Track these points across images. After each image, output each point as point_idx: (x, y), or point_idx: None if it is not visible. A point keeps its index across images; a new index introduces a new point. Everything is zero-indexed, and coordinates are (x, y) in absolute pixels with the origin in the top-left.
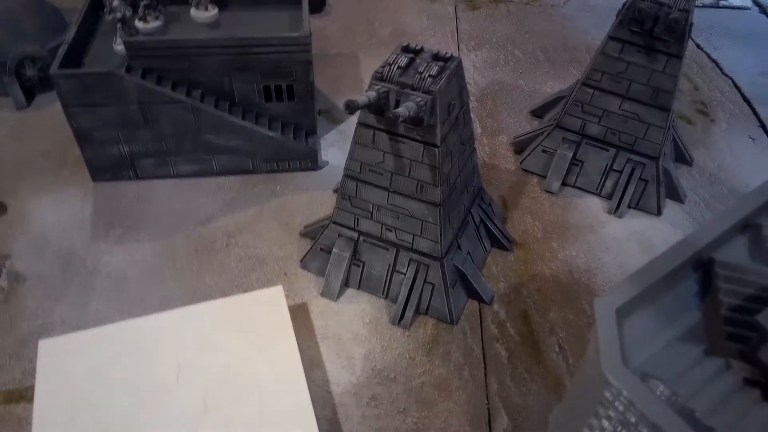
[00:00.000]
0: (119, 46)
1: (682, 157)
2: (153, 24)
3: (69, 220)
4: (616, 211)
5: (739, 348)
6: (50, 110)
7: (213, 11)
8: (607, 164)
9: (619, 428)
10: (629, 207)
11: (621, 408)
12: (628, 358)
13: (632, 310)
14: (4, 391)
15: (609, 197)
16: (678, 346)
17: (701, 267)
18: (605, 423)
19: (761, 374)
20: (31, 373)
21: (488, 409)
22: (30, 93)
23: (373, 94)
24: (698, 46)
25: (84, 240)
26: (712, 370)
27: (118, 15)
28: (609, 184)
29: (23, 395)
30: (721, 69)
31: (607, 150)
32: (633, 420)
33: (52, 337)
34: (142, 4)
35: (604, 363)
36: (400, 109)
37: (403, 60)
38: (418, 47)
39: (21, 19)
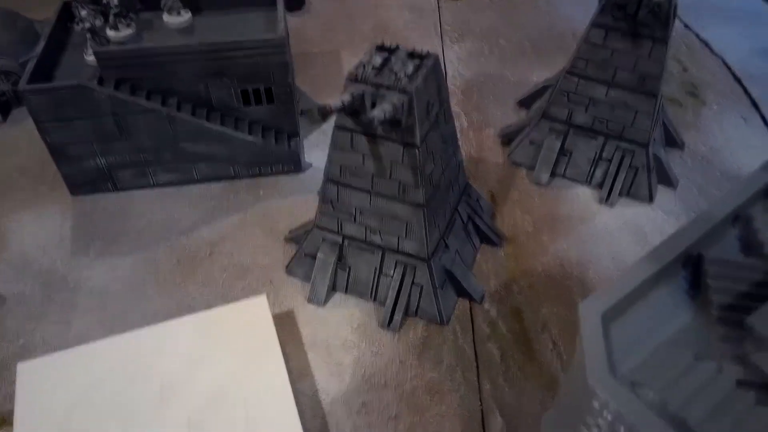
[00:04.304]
0: (90, 57)
1: (672, 141)
2: (124, 32)
3: (49, 237)
4: (606, 200)
5: (732, 350)
6: (27, 125)
7: (186, 16)
8: (596, 153)
9: None
10: (620, 195)
11: (610, 418)
12: (616, 365)
13: (620, 313)
14: None
15: (599, 186)
16: (669, 349)
17: (690, 264)
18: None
19: (755, 375)
20: (13, 396)
21: (482, 410)
22: (5, 108)
23: (347, 97)
24: (686, 26)
25: (64, 257)
26: (704, 375)
27: (87, 25)
28: (599, 173)
29: (5, 419)
30: (711, 49)
31: (596, 138)
32: (622, 430)
33: (32, 358)
34: (112, 12)
35: (590, 373)
36: (376, 111)
37: (378, 60)
38: (393, 46)
39: None
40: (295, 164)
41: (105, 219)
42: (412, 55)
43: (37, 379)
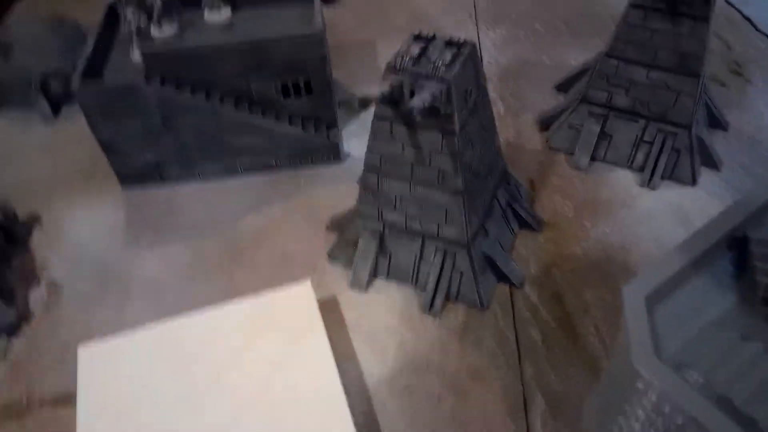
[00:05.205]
0: (136, 56)
1: (716, 122)
2: (168, 32)
3: (102, 229)
4: (648, 183)
5: None
6: (77, 122)
7: (226, 13)
8: (638, 136)
9: (654, 417)
10: (662, 178)
11: (654, 399)
12: (661, 346)
13: (663, 295)
14: (51, 396)
15: (641, 170)
16: (713, 331)
17: (736, 246)
18: (640, 412)
19: None
20: (73, 378)
21: (524, 393)
22: (56, 107)
23: (386, 87)
24: (728, 2)
25: (117, 247)
26: (750, 355)
27: (133, 25)
28: (640, 156)
29: (69, 400)
30: (754, 25)
31: (637, 121)
32: (667, 410)
33: (91, 342)
34: (156, 12)
35: (635, 355)
36: (415, 101)
37: (416, 49)
38: (430, 35)
39: (44, 40)
40: (334, 154)
41: (155, 211)
42: (449, 43)
43: (97, 361)
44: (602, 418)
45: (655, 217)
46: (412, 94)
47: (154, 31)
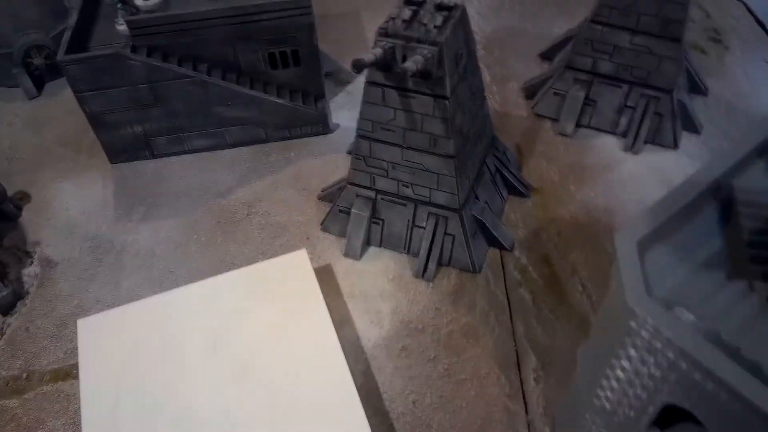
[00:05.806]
0: (122, 27)
1: (696, 88)
2: (153, 0)
3: (92, 204)
4: (632, 148)
5: (762, 269)
6: (61, 96)
7: None
8: (621, 101)
9: (646, 355)
10: (645, 142)
11: (647, 336)
12: (652, 288)
13: (653, 242)
14: (50, 371)
15: (624, 135)
16: (701, 273)
17: (721, 194)
18: (632, 351)
19: None
20: (73, 351)
21: (516, 351)
22: (39, 81)
23: (379, 50)
24: None
25: (109, 221)
26: (735, 293)
27: None
28: (624, 121)
29: (69, 373)
30: None
31: (620, 87)
32: (659, 346)
33: (90, 316)
34: None
35: (628, 294)
36: (408, 64)
37: (407, 13)
38: None
39: (22, 8)
40: (323, 125)
41: (144, 185)
42: (440, 6)
43: (97, 334)
44: (594, 365)
45: (639, 180)
46: (404, 58)
47: (139, 0)
